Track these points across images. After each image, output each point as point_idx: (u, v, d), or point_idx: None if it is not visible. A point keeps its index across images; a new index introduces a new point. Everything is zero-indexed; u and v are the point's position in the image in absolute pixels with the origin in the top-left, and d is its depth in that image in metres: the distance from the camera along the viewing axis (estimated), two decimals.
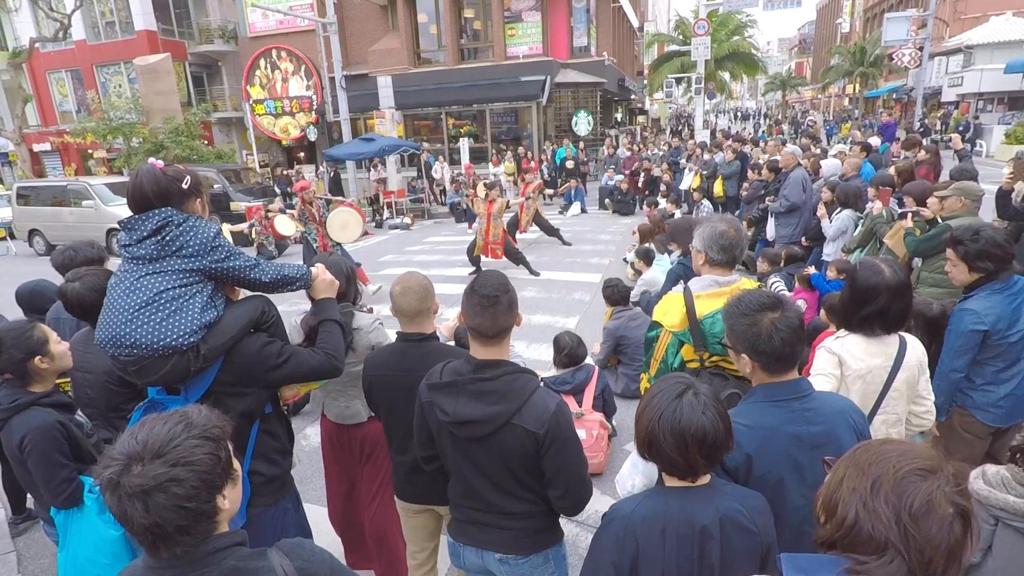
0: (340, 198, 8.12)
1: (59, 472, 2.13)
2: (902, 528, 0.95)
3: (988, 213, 5.28)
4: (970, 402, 2.86)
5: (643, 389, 2.39)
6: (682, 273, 3.33)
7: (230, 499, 1.15)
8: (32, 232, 14.62)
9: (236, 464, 1.20)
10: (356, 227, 7.41)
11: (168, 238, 1.85)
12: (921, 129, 21.36)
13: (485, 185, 9.76)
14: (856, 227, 5.62)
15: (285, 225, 12.01)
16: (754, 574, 1.12)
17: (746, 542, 1.41)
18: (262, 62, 22.89)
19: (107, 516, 2.08)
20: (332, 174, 19.08)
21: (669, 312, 2.24)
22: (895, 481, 0.99)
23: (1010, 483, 1.68)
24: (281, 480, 2.16)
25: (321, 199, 7.78)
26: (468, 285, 1.82)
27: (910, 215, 4.41)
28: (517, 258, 9.03)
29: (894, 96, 33.87)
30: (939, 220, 4.27)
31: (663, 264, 6.47)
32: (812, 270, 5.27)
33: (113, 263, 2.94)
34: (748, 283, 2.23)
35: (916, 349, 2.16)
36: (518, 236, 10.04)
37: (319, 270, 2.23)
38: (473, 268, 9.10)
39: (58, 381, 2.37)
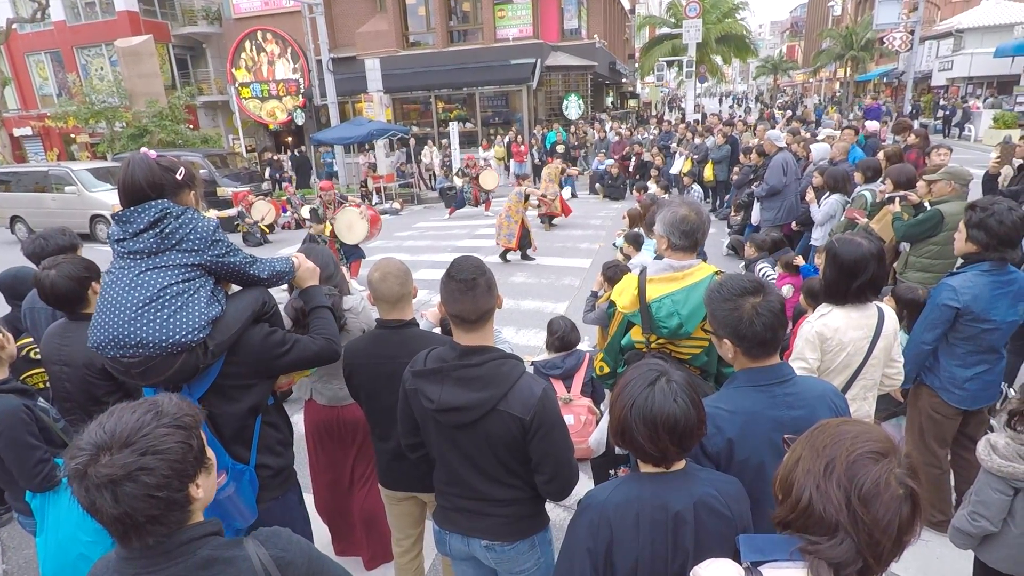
0: (353, 198, 8.08)
1: (32, 454, 2.11)
2: (851, 511, 0.98)
3: (975, 197, 5.30)
4: (936, 382, 2.91)
5: (597, 365, 2.44)
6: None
7: (204, 488, 1.14)
8: (14, 218, 14.35)
9: (210, 453, 1.18)
10: (362, 227, 7.39)
11: (167, 231, 1.78)
12: (912, 111, 21.39)
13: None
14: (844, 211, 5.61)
15: (260, 211, 11.91)
16: (728, 558, 1.12)
17: (720, 527, 1.41)
18: (247, 44, 22.47)
19: None
20: (297, 155, 18.98)
21: (623, 293, 2.29)
22: (847, 464, 1.01)
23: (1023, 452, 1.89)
24: (286, 472, 2.15)
25: (340, 197, 7.73)
26: (444, 272, 1.79)
27: (897, 199, 4.41)
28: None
29: (884, 80, 33.84)
30: (926, 205, 4.27)
31: (652, 249, 6.45)
32: (800, 260, 5.20)
33: (89, 250, 2.88)
34: (706, 268, 2.24)
35: (892, 319, 2.33)
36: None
37: (300, 259, 2.22)
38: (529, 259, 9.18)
39: (32, 373, 2.32)
